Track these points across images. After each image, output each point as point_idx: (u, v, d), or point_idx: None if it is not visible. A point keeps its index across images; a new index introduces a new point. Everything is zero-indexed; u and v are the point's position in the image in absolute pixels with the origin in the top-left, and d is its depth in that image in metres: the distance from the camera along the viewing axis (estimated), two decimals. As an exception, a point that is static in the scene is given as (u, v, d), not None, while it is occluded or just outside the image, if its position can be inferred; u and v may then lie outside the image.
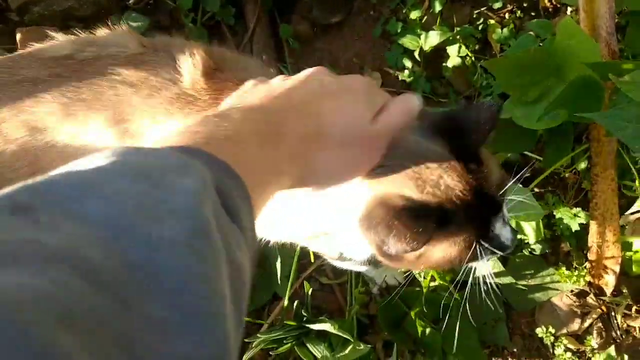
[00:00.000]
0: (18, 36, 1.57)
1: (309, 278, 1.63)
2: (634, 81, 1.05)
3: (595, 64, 1.26)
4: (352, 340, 1.46)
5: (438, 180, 0.80)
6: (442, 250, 0.84)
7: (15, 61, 1.01)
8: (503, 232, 0.85)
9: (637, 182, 1.53)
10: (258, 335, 1.45)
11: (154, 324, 0.36)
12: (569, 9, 1.76)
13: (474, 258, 0.84)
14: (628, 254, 1.61)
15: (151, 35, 1.63)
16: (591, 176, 1.53)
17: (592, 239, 1.58)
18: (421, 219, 0.77)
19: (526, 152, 1.63)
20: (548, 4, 1.79)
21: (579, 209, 1.60)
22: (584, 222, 1.60)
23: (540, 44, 1.55)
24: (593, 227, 1.58)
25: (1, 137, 0.99)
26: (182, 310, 0.38)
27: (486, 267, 0.95)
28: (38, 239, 0.36)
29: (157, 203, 0.43)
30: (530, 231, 1.64)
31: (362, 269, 1.49)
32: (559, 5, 1.79)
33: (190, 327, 0.38)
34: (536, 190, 1.66)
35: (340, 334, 1.46)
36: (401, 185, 0.80)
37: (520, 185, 1.44)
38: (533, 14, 1.79)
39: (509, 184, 0.86)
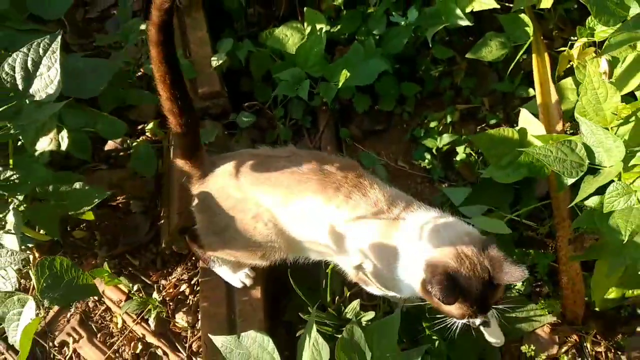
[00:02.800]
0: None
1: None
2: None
3: (540, 136, 1.98)
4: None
5: (475, 272, 1.61)
6: (448, 307, 1.63)
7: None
8: (477, 321, 1.69)
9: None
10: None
11: None
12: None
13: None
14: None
15: (254, 132, 2.49)
16: (554, 225, 2.14)
17: (561, 275, 2.14)
18: (451, 285, 1.56)
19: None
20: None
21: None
22: (555, 264, 2.18)
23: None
24: (562, 267, 2.14)
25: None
26: None
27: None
28: None
29: None
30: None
31: (391, 294, 2.07)
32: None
33: None
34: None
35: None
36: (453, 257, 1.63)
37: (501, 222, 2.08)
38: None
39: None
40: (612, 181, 1.65)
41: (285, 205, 1.82)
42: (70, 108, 2.10)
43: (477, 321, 1.69)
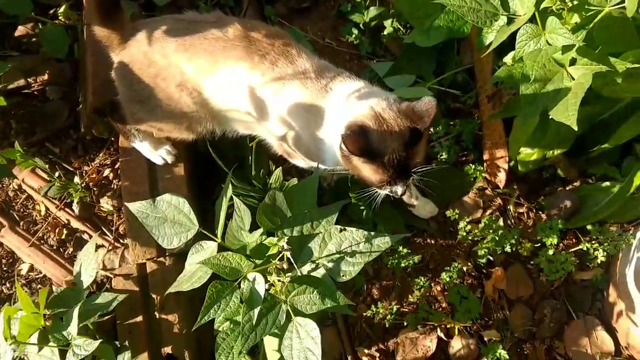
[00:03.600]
0: None
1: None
2: None
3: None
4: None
5: (391, 132, 1.56)
6: (367, 171, 1.62)
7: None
8: (399, 190, 1.65)
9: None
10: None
11: None
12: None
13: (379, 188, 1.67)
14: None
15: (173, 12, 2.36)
16: (477, 90, 2.14)
17: (484, 140, 2.16)
18: (363, 140, 1.55)
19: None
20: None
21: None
22: (480, 132, 2.19)
23: None
24: (485, 131, 2.16)
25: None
26: None
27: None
28: None
29: None
30: (445, 148, 2.23)
31: (321, 168, 2.06)
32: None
33: None
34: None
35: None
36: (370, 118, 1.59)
37: (425, 89, 2.06)
38: None
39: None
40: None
41: (210, 73, 1.75)
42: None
43: (399, 190, 1.67)
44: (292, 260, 1.46)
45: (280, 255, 1.47)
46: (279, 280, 1.47)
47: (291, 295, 1.40)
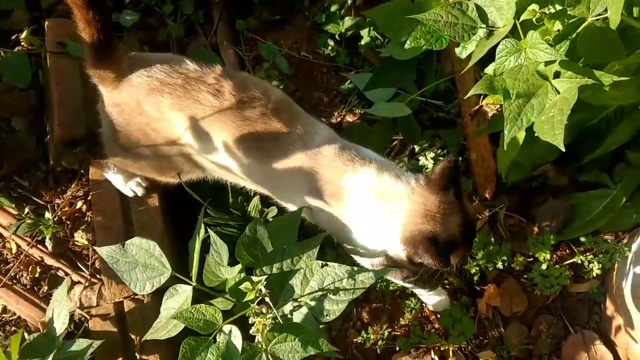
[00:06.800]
0: (46, 24, 2.20)
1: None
2: None
3: (433, 1, 1.84)
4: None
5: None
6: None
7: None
8: None
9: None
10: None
11: None
12: None
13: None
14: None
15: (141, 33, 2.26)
16: (459, 101, 2.06)
17: (470, 152, 2.07)
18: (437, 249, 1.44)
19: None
20: None
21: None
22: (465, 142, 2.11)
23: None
24: (470, 144, 2.07)
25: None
26: None
27: None
28: None
29: None
30: (430, 161, 2.15)
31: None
32: None
33: None
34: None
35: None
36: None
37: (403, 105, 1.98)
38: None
39: None
40: (506, 40, 1.54)
41: (202, 140, 1.66)
42: None
43: None
44: (271, 304, 1.38)
45: (260, 298, 1.39)
46: (259, 321, 1.40)
47: (271, 343, 1.32)
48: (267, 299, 1.37)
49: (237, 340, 1.30)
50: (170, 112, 1.63)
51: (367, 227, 1.61)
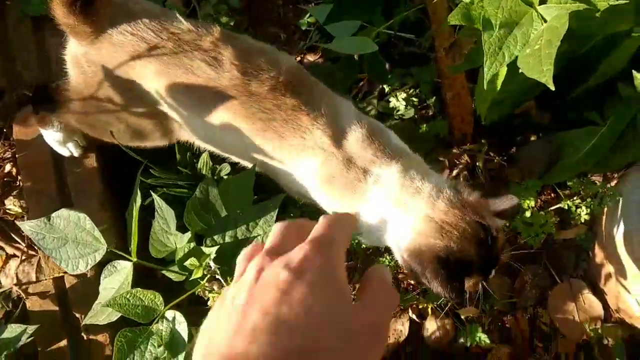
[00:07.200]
0: None
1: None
2: None
3: None
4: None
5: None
6: None
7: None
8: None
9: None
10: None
11: None
12: None
13: None
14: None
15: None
16: (432, 34, 1.83)
17: (445, 91, 1.86)
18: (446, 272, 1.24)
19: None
20: None
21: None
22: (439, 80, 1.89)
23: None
24: (444, 81, 1.86)
25: None
26: None
27: None
28: None
29: None
30: (402, 102, 1.94)
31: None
32: None
33: None
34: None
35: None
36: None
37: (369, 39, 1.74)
38: None
39: None
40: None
41: (197, 116, 1.43)
42: None
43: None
44: (222, 281, 1.19)
45: (208, 276, 1.19)
46: (213, 297, 1.21)
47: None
48: (218, 276, 1.17)
49: (182, 327, 1.11)
50: (155, 80, 1.38)
51: (380, 225, 1.40)
